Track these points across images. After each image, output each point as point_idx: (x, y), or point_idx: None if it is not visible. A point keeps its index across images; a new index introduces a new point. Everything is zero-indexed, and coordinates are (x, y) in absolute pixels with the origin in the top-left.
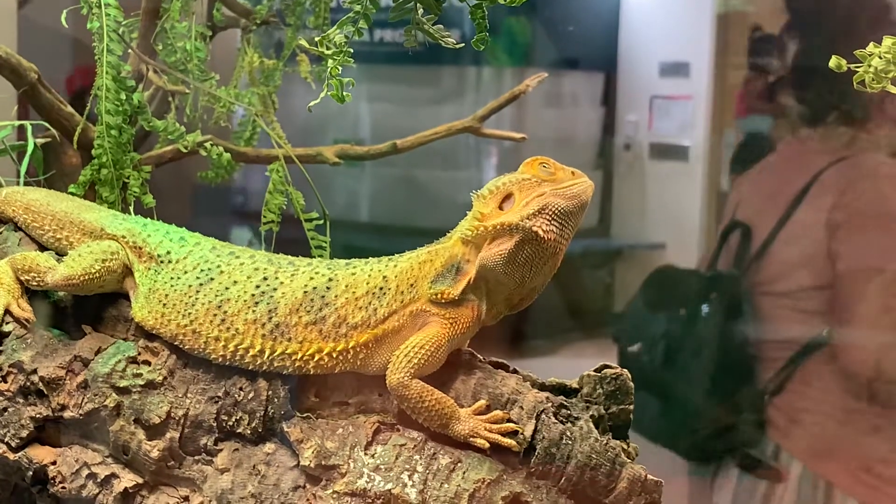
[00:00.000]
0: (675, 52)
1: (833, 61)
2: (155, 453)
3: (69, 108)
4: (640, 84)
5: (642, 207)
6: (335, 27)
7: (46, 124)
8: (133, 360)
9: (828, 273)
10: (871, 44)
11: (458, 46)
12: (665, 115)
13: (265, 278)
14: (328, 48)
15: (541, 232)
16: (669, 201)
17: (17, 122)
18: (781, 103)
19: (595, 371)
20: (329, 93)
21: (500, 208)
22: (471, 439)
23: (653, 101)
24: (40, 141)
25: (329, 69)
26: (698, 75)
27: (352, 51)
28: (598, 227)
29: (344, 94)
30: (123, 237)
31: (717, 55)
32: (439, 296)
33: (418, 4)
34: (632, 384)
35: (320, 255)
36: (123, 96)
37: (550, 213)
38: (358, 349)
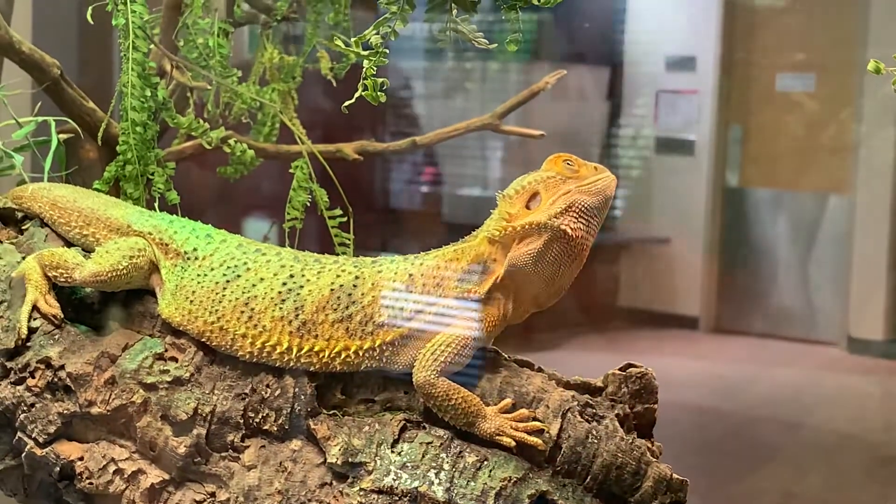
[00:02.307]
0: (681, 46)
1: (871, 65)
2: (182, 449)
3: (91, 104)
4: (646, 78)
5: (648, 202)
6: (371, 28)
7: (68, 119)
8: (160, 357)
9: None
10: None
11: (491, 47)
12: (671, 109)
13: (291, 276)
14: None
15: (569, 230)
16: (675, 196)
17: (41, 118)
18: None
19: (620, 370)
20: (363, 93)
21: (527, 207)
22: (497, 437)
23: (659, 95)
24: (62, 136)
25: (364, 69)
26: (704, 69)
27: (388, 51)
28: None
29: (378, 93)
30: (150, 234)
31: (724, 49)
32: (465, 294)
33: (453, 4)
34: (656, 383)
35: (344, 252)
36: (148, 93)
37: (577, 210)
38: (384, 347)
